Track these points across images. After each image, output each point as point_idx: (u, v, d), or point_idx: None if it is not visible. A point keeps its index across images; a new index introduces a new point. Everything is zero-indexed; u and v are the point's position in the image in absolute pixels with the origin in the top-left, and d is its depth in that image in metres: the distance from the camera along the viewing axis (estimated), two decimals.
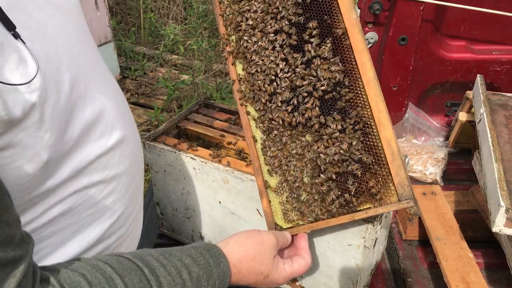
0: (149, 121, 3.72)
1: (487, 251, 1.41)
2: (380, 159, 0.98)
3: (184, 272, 0.77)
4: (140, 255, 0.75)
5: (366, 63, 0.98)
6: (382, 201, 0.98)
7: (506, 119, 1.43)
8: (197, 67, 4.30)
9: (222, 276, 0.84)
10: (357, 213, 1.00)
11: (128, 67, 4.43)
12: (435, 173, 1.75)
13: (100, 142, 0.82)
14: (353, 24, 0.98)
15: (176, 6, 5.10)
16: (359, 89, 1.00)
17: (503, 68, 1.89)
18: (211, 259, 0.84)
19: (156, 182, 1.43)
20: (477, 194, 1.53)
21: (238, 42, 1.14)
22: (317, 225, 1.06)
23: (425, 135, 1.98)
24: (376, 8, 1.70)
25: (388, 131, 0.97)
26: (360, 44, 0.98)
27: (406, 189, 0.95)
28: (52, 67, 0.72)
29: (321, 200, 1.05)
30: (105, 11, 3.83)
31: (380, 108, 0.97)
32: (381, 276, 1.38)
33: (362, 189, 1.00)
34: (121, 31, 4.95)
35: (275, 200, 1.12)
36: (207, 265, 0.82)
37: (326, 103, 1.03)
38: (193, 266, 0.79)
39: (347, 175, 1.01)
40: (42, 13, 0.76)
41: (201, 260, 0.82)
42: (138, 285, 0.69)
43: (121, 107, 0.91)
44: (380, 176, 0.98)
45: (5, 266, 0.55)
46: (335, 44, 1.01)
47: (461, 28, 1.85)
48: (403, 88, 1.93)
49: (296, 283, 1.30)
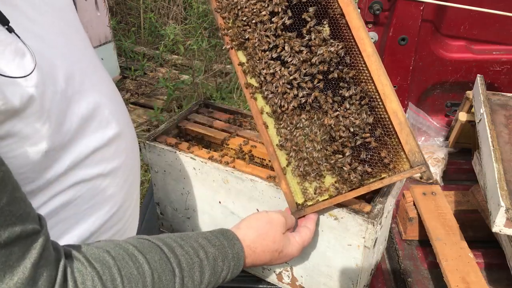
0: (149, 121, 3.72)
1: (487, 251, 1.41)
2: (389, 130, 1.01)
3: (201, 252, 0.81)
4: (159, 237, 0.79)
5: (364, 38, 0.99)
6: (395, 169, 1.01)
7: (506, 119, 1.43)
8: (197, 67, 4.30)
9: (237, 258, 0.89)
10: (373, 184, 1.02)
11: (128, 67, 4.43)
12: (435, 173, 1.75)
13: (96, 136, 0.84)
14: (347, 3, 1.00)
15: (176, 6, 5.10)
16: (360, 65, 1.02)
17: (503, 68, 1.89)
18: (226, 241, 0.88)
19: (156, 182, 1.43)
20: (477, 194, 1.52)
21: (237, 32, 1.15)
22: (336, 199, 1.08)
23: (425, 135, 1.98)
24: (376, 8, 1.70)
25: (393, 102, 0.99)
26: (357, 21, 0.99)
27: (417, 156, 0.97)
28: (47, 62, 0.73)
29: (338, 173, 1.07)
30: (105, 11, 3.83)
31: (383, 81, 0.99)
32: (381, 276, 1.38)
33: (375, 160, 1.02)
34: (121, 31, 4.95)
35: (293, 181, 1.13)
36: (222, 247, 0.87)
37: (330, 83, 1.05)
38: (209, 247, 0.84)
39: (360, 147, 1.03)
40: (34, 10, 0.77)
41: (216, 241, 0.87)
42: (158, 262, 0.73)
43: (115, 103, 0.92)
44: (391, 146, 1.01)
45: (25, 238, 0.58)
46: (332, 25, 1.03)
47: (461, 28, 1.85)
48: (403, 88, 1.93)
49: (296, 283, 1.30)
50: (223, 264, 0.85)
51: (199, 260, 0.80)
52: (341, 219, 1.10)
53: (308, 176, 1.11)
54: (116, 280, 0.66)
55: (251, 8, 1.10)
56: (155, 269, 0.72)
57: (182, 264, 0.77)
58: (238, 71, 1.18)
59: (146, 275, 0.70)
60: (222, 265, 0.85)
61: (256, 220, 0.99)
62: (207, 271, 0.81)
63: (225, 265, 0.86)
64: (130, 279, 0.68)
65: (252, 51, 1.13)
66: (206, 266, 0.81)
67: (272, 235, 0.98)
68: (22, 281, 0.56)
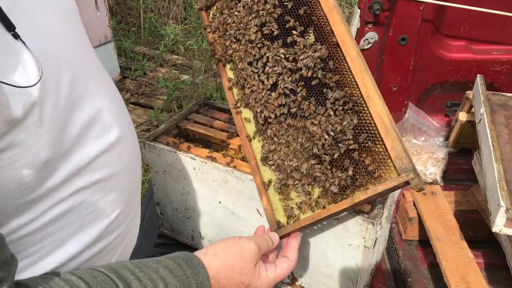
0: (149, 121, 3.72)
1: (487, 251, 1.41)
2: (374, 136, 0.95)
3: (161, 285, 0.75)
4: (115, 269, 0.74)
5: (348, 42, 0.98)
6: (381, 178, 0.94)
7: (506, 119, 1.43)
8: (197, 67, 4.30)
9: (201, 287, 0.82)
10: (356, 195, 0.96)
11: (128, 67, 4.43)
12: (435, 173, 1.75)
13: (99, 141, 0.83)
14: (331, 8, 0.99)
15: (176, 6, 5.10)
16: (344, 69, 1.00)
17: (503, 68, 1.89)
18: (189, 269, 0.82)
19: (156, 182, 1.43)
20: (477, 194, 1.52)
21: (225, 45, 1.19)
22: (318, 215, 1.03)
23: (425, 135, 1.98)
24: (376, 8, 1.70)
25: (378, 105, 0.93)
26: (340, 26, 0.99)
27: (404, 161, 0.90)
28: (51, 66, 0.72)
29: (320, 187, 1.03)
30: (105, 11, 3.82)
31: (367, 83, 0.95)
32: (381, 276, 1.38)
33: (359, 168, 0.96)
34: (121, 31, 4.94)
35: (275, 198, 1.11)
36: (185, 277, 0.80)
37: (314, 89, 1.04)
38: (170, 278, 0.77)
39: (343, 156, 0.99)
40: (39, 13, 0.77)
41: (179, 271, 0.80)
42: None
43: (118, 106, 0.91)
44: (376, 153, 0.95)
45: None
46: (317, 32, 1.03)
47: (461, 28, 1.85)
48: (403, 88, 1.93)
49: (296, 283, 1.30)
50: None
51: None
52: (341, 219, 1.10)
53: (290, 190, 1.08)
54: None
55: (238, 23, 1.14)
56: None
57: None
58: (224, 83, 1.21)
59: None
60: None
61: (223, 249, 0.91)
62: None
63: None
64: None
65: (238, 63, 1.15)
66: None
67: (240, 267, 0.91)
68: None
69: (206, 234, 1.44)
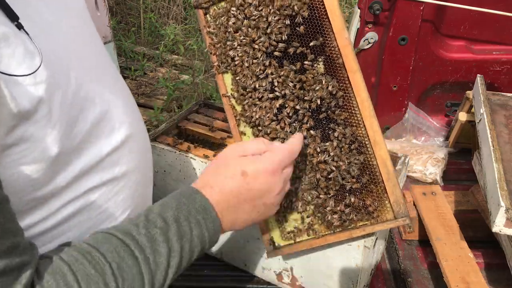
0: (149, 121, 3.72)
1: (487, 251, 1.41)
2: (376, 178, 1.00)
3: (159, 221, 0.73)
4: (113, 226, 0.73)
5: (360, 83, 0.97)
6: (378, 218, 1.00)
7: (506, 119, 1.43)
8: (197, 67, 4.30)
9: (202, 210, 0.78)
10: (355, 230, 1.02)
11: (128, 67, 4.43)
12: (435, 173, 1.75)
13: (109, 139, 0.82)
14: (346, 44, 0.96)
15: (176, 6, 5.10)
16: (352, 108, 0.99)
17: (503, 68, 1.89)
18: (184, 198, 0.78)
19: (156, 182, 1.43)
20: (477, 194, 1.52)
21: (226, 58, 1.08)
22: (315, 242, 1.07)
23: (425, 135, 1.98)
24: (376, 8, 1.70)
25: (383, 150, 0.97)
26: (354, 64, 0.97)
27: (402, 207, 0.97)
28: (60, 62, 0.72)
29: (320, 216, 1.06)
30: (105, 11, 3.82)
31: (375, 127, 0.97)
32: (381, 276, 1.38)
33: (359, 206, 1.02)
34: (121, 31, 4.94)
35: (272, 218, 1.11)
36: (181, 205, 0.77)
37: (321, 123, 1.02)
38: (166, 212, 0.75)
39: (345, 193, 1.02)
40: (47, 9, 0.77)
41: (173, 203, 0.77)
42: (115, 251, 0.68)
43: (128, 104, 0.91)
44: (376, 194, 1.00)
45: (10, 272, 0.56)
46: (327, 63, 1.00)
47: (461, 28, 1.85)
48: (403, 88, 1.93)
49: (296, 283, 1.30)
50: (188, 223, 0.75)
51: (159, 230, 0.72)
52: None
53: (288, 213, 1.09)
54: (73, 287, 0.62)
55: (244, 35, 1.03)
56: (113, 259, 0.67)
57: (141, 243, 0.70)
58: (223, 98, 1.12)
59: (105, 270, 0.65)
60: (188, 223, 0.75)
61: (208, 165, 0.86)
62: (173, 237, 0.73)
63: (192, 223, 0.76)
64: (88, 281, 0.63)
65: (241, 81, 1.07)
66: (168, 232, 0.72)
67: (223, 161, 0.84)
68: None
69: None
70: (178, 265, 0.74)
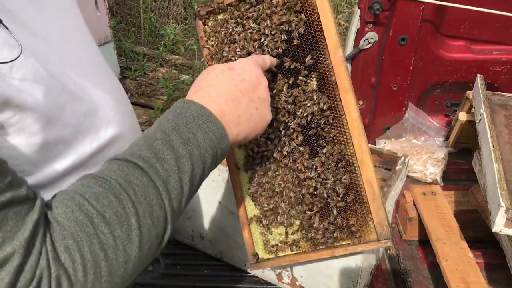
0: (149, 121, 3.72)
1: (487, 251, 1.41)
2: (361, 198, 1.00)
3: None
4: (127, 151, 0.70)
5: (351, 102, 0.97)
6: (361, 238, 1.01)
7: (506, 119, 1.43)
8: (197, 67, 4.30)
9: (200, 116, 0.74)
10: (337, 249, 1.03)
11: (128, 67, 4.43)
12: (435, 173, 1.75)
13: (96, 136, 0.82)
14: (339, 63, 0.96)
15: (176, 6, 5.10)
16: (342, 126, 0.99)
17: (503, 68, 1.88)
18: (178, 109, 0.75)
19: None
20: (477, 194, 1.52)
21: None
22: (297, 258, 1.07)
23: (425, 135, 1.98)
24: (376, 8, 1.70)
25: (369, 171, 0.97)
26: (346, 83, 0.96)
27: (385, 229, 0.98)
28: (43, 57, 0.72)
29: (304, 233, 1.06)
30: (105, 11, 3.82)
31: (363, 147, 0.97)
32: (381, 276, 1.38)
33: (343, 225, 1.02)
34: (121, 31, 4.94)
35: (256, 231, 1.13)
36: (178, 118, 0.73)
37: (310, 139, 1.02)
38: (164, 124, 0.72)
39: (330, 210, 1.02)
40: (34, 6, 0.77)
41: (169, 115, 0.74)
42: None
43: (119, 102, 0.90)
44: (360, 214, 1.00)
45: (20, 203, 0.55)
46: (320, 79, 1.00)
47: (461, 28, 1.85)
48: (403, 88, 1.93)
49: (296, 283, 1.30)
50: (189, 129, 0.72)
51: (160, 141, 0.69)
52: None
53: (273, 227, 1.10)
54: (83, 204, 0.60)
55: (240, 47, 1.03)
56: (118, 176, 0.64)
57: (144, 156, 0.67)
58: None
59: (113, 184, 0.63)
60: (190, 130, 0.72)
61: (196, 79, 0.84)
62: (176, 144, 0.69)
63: (193, 128, 0.72)
64: (97, 198, 0.61)
65: None
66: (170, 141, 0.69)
67: (205, 74, 0.82)
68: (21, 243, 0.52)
69: (206, 234, 1.44)
70: (191, 171, 0.71)
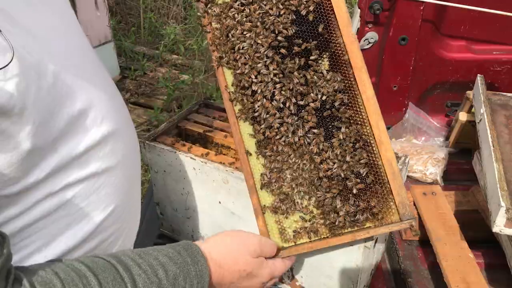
0: (149, 121, 3.72)
1: (487, 251, 1.41)
2: (381, 178, 0.97)
3: (160, 271, 0.77)
4: (115, 255, 0.75)
5: (365, 80, 0.96)
6: (383, 220, 0.98)
7: (506, 119, 1.43)
8: (197, 67, 4.30)
9: (200, 275, 0.83)
10: (358, 233, 0.99)
11: (128, 67, 4.43)
12: (435, 173, 1.75)
13: (89, 134, 0.82)
14: (351, 41, 0.95)
15: (176, 6, 5.10)
16: (357, 106, 0.98)
17: (503, 68, 1.88)
18: (189, 257, 0.83)
19: (156, 182, 1.43)
20: (477, 194, 1.52)
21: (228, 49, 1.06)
22: (316, 245, 1.04)
23: (425, 135, 1.98)
24: (376, 8, 1.69)
25: (388, 151, 0.96)
26: (360, 61, 0.95)
27: (407, 209, 0.95)
28: (33, 57, 0.71)
29: (323, 218, 1.03)
30: (105, 11, 3.82)
31: (381, 126, 0.96)
32: (381, 276, 1.38)
33: (364, 207, 0.99)
34: (121, 31, 4.94)
35: (271, 219, 1.08)
36: (185, 264, 0.82)
37: (324, 121, 1.00)
38: (169, 265, 0.79)
39: (349, 193, 0.99)
40: (27, 6, 0.76)
41: (179, 258, 0.82)
42: (112, 283, 0.69)
43: (112, 100, 0.90)
44: (381, 195, 0.97)
45: None
46: (332, 59, 0.98)
47: (461, 28, 1.85)
48: (403, 88, 1.92)
49: (296, 283, 1.30)
50: (184, 283, 0.80)
51: (157, 279, 0.76)
52: None
53: (289, 214, 1.06)
54: None
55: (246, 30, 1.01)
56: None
57: (138, 285, 0.72)
58: (223, 93, 1.10)
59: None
60: (184, 284, 0.80)
61: (224, 239, 0.94)
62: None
63: (187, 284, 0.80)
64: None
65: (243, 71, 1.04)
66: (165, 285, 0.77)
67: (240, 256, 0.93)
68: None
69: (206, 234, 1.44)
70: None
